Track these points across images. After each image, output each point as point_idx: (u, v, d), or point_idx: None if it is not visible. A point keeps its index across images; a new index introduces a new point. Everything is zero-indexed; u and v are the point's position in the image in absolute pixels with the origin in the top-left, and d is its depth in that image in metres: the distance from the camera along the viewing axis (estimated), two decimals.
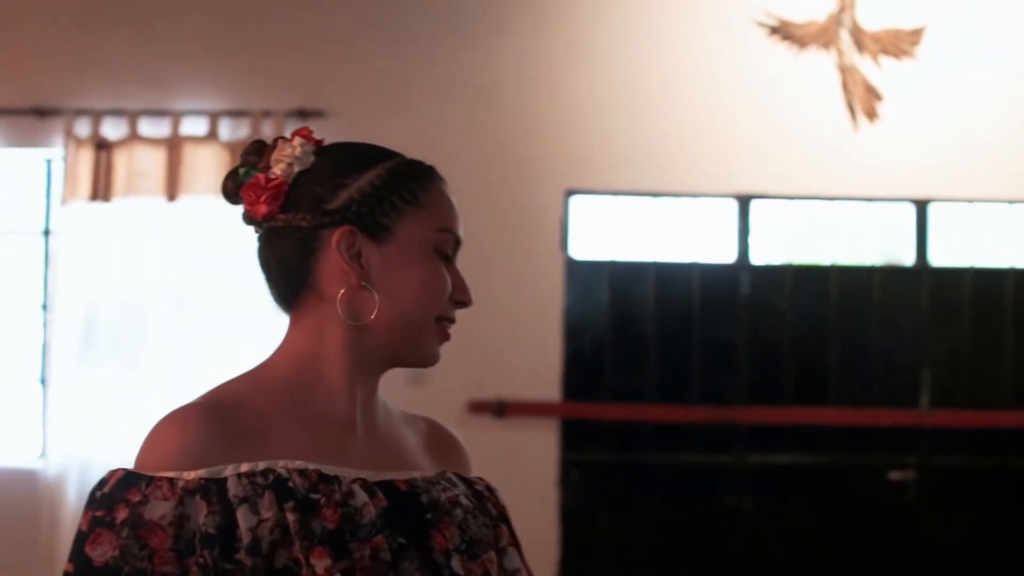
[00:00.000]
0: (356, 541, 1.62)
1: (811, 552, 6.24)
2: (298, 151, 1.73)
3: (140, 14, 6.33)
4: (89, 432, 6.17)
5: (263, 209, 1.72)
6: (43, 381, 6.43)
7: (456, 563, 1.69)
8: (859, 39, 6.24)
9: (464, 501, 1.77)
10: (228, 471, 1.60)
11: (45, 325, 6.43)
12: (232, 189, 1.77)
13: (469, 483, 1.83)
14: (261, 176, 1.73)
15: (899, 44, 6.25)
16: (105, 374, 6.19)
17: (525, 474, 5.95)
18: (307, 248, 1.71)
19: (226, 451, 1.61)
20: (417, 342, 1.74)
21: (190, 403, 1.66)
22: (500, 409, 6.12)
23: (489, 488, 1.85)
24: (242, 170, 1.76)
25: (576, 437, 6.27)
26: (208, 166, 6.17)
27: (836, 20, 6.25)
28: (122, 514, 1.56)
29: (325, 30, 6.28)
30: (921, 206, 6.32)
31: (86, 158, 6.18)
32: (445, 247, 1.76)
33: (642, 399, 6.26)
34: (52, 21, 6.33)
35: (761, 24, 6.24)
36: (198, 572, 1.54)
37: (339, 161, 1.75)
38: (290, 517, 1.58)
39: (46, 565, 6.14)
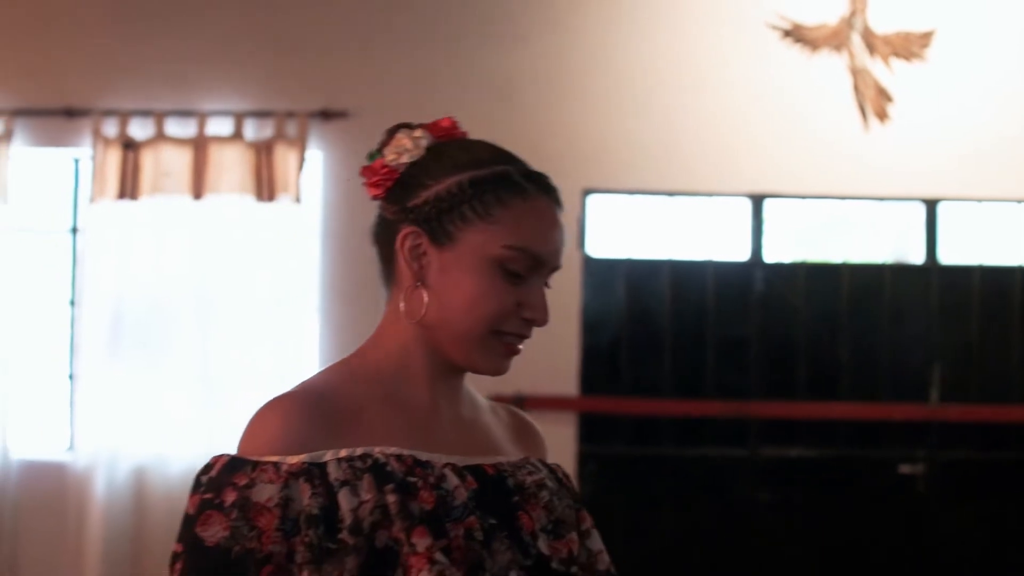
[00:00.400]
0: (451, 521, 1.66)
1: (823, 543, 6.25)
2: (409, 144, 1.77)
3: (167, 17, 6.34)
4: (116, 425, 6.19)
5: (372, 192, 1.79)
6: (71, 376, 6.45)
7: (543, 542, 1.73)
8: (870, 42, 6.26)
9: (549, 484, 1.80)
10: (328, 456, 1.64)
11: (73, 321, 6.46)
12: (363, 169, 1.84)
13: (550, 468, 1.86)
14: (379, 161, 1.78)
15: (909, 47, 6.26)
16: (132, 369, 6.19)
17: None
18: (390, 239, 1.77)
19: (324, 437, 1.66)
20: (469, 354, 1.75)
21: (288, 392, 1.71)
22: (519, 403, 6.00)
23: (566, 475, 1.89)
24: (374, 150, 1.81)
25: (593, 431, 6.29)
26: (233, 165, 6.18)
27: (847, 23, 6.27)
28: (230, 497, 1.61)
29: (348, 32, 6.30)
30: (931, 205, 6.33)
31: (114, 157, 6.19)
32: (513, 264, 1.73)
33: (658, 394, 6.27)
34: (81, 25, 6.35)
35: (774, 27, 6.26)
36: (304, 550, 1.59)
37: (437, 161, 1.77)
38: (390, 499, 1.63)
39: (74, 556, 6.21)
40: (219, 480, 1.63)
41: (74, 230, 6.51)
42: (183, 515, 1.65)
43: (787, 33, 6.27)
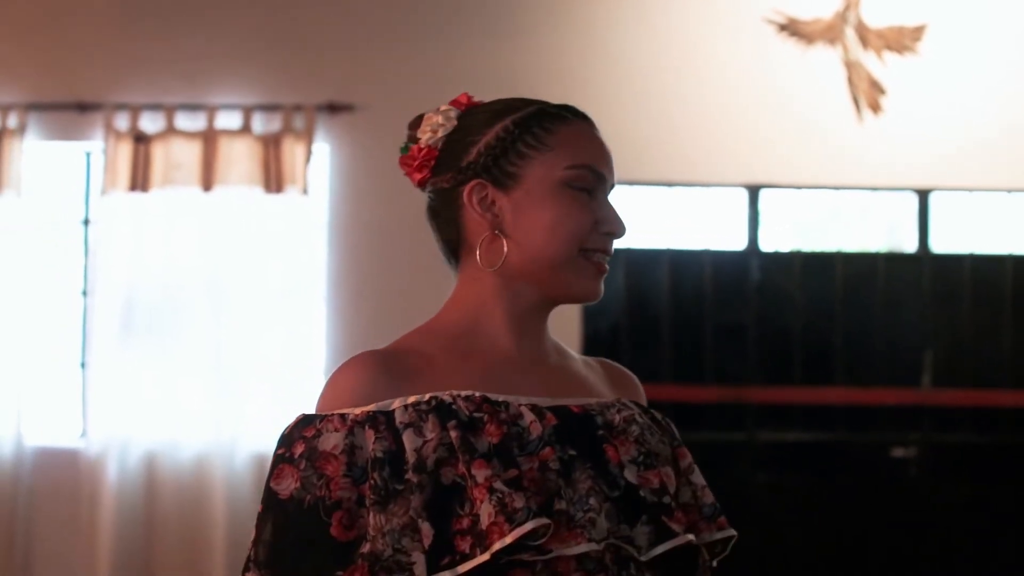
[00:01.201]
0: (524, 455, 1.66)
1: (818, 524, 6.28)
2: (440, 119, 1.82)
3: (177, 13, 6.38)
4: (128, 413, 6.21)
5: (417, 176, 1.83)
6: (83, 364, 6.47)
7: (630, 472, 1.72)
8: (864, 36, 6.30)
9: (639, 420, 1.79)
10: (396, 403, 1.67)
11: (86, 311, 6.47)
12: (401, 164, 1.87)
13: (644, 408, 1.86)
14: (415, 148, 1.83)
15: (902, 40, 6.30)
16: (143, 357, 6.21)
17: None
18: (453, 206, 1.80)
19: (394, 389, 1.69)
20: (565, 279, 1.78)
21: (364, 351, 1.74)
22: None
23: (666, 418, 1.89)
24: (403, 146, 1.86)
25: None
26: (241, 158, 6.21)
27: (842, 17, 6.31)
28: (299, 449, 1.65)
29: (354, 27, 6.34)
30: (923, 195, 6.37)
31: (125, 150, 6.21)
32: (580, 182, 1.77)
33: (657, 380, 6.25)
34: (93, 20, 6.39)
35: (770, 22, 6.30)
36: (371, 494, 1.61)
37: (475, 119, 1.82)
38: (452, 435, 1.63)
39: (87, 540, 6.24)
40: (291, 436, 1.68)
41: (86, 222, 6.53)
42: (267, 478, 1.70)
43: (783, 27, 6.31)
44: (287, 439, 1.68)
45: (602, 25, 6.36)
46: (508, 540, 1.57)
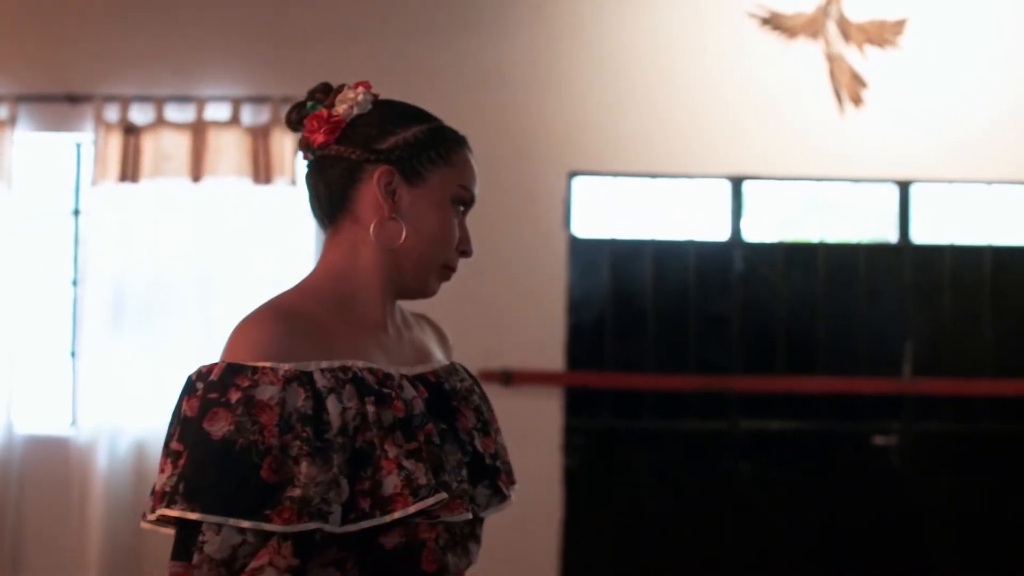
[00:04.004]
0: (417, 429, 1.87)
1: (800, 512, 6.32)
2: (359, 98, 2.00)
3: (167, 5, 6.41)
4: (117, 401, 6.24)
5: (320, 138, 1.99)
6: (74, 354, 6.49)
7: (477, 441, 1.99)
8: (845, 29, 6.34)
9: (476, 389, 2.09)
10: (312, 366, 1.82)
11: (75, 300, 6.49)
12: (296, 119, 2.04)
13: (468, 372, 2.13)
14: (325, 111, 1.99)
15: (883, 34, 6.34)
16: (132, 346, 6.24)
17: (530, 439, 5.99)
18: (352, 177, 1.97)
19: (304, 350, 1.83)
20: (422, 275, 2.00)
21: (264, 308, 1.88)
22: (507, 378, 6.19)
23: (472, 375, 2.14)
24: (309, 104, 2.02)
25: (579, 405, 6.34)
26: (231, 149, 6.24)
27: (824, 11, 6.35)
28: (235, 396, 1.76)
29: (343, 22, 6.37)
30: (904, 187, 6.41)
31: (115, 142, 6.24)
32: (462, 201, 2.02)
33: (641, 369, 6.33)
34: (83, 13, 6.41)
35: (753, 15, 6.34)
36: (299, 445, 1.75)
37: (392, 113, 2.02)
38: (369, 408, 1.82)
39: (77, 527, 6.28)
40: (222, 383, 1.78)
41: (76, 212, 6.56)
42: (180, 418, 1.80)
43: (765, 21, 6.35)
44: (218, 386, 1.79)
45: (587, 19, 6.40)
46: (411, 510, 1.79)
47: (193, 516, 1.73)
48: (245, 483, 1.73)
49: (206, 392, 1.79)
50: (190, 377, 1.84)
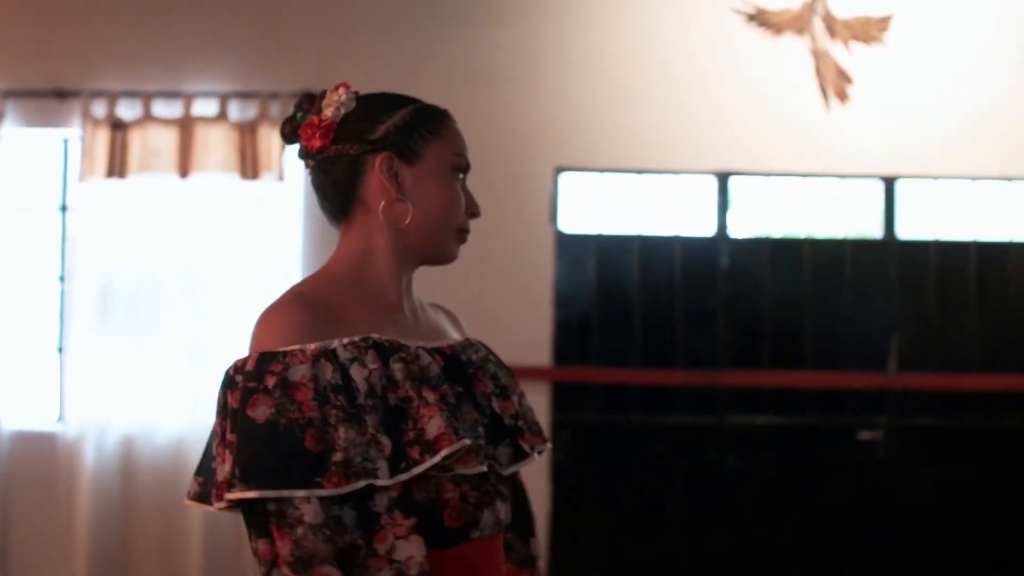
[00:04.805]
0: (431, 389, 1.99)
1: (787, 506, 6.34)
2: (343, 98, 2.13)
3: (154, 1, 6.41)
4: (105, 397, 6.25)
5: (317, 143, 2.12)
6: (61, 349, 6.50)
7: (495, 404, 2.13)
8: (831, 26, 6.35)
9: (492, 358, 2.25)
10: (335, 343, 1.95)
11: (62, 296, 6.49)
12: (291, 131, 2.18)
13: (484, 346, 2.28)
14: (315, 118, 2.13)
15: (868, 31, 6.36)
16: (120, 342, 6.24)
17: None
18: (355, 171, 2.12)
19: (326, 330, 1.97)
20: (442, 243, 2.16)
21: (283, 297, 2.01)
22: None
23: (490, 349, 2.30)
24: (299, 115, 2.16)
25: (566, 399, 6.35)
26: (218, 145, 6.24)
27: (809, 8, 6.36)
28: (271, 381, 1.90)
29: (330, 16, 6.38)
30: (889, 183, 6.43)
31: (102, 137, 6.24)
32: (460, 168, 2.17)
33: (628, 364, 6.35)
34: (70, 7, 6.41)
35: (739, 12, 6.36)
36: (335, 413, 1.89)
37: (376, 104, 2.15)
38: (396, 367, 1.96)
39: (64, 523, 6.28)
40: (258, 371, 1.92)
41: (63, 208, 6.56)
42: (228, 411, 1.94)
43: (751, 17, 6.37)
44: (255, 375, 1.92)
45: (573, 15, 6.41)
46: (456, 447, 1.91)
47: (251, 494, 1.86)
48: (294, 457, 1.86)
49: (245, 382, 1.92)
50: (227, 372, 1.96)
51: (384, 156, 2.10)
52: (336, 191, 2.13)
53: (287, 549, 1.85)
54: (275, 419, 1.88)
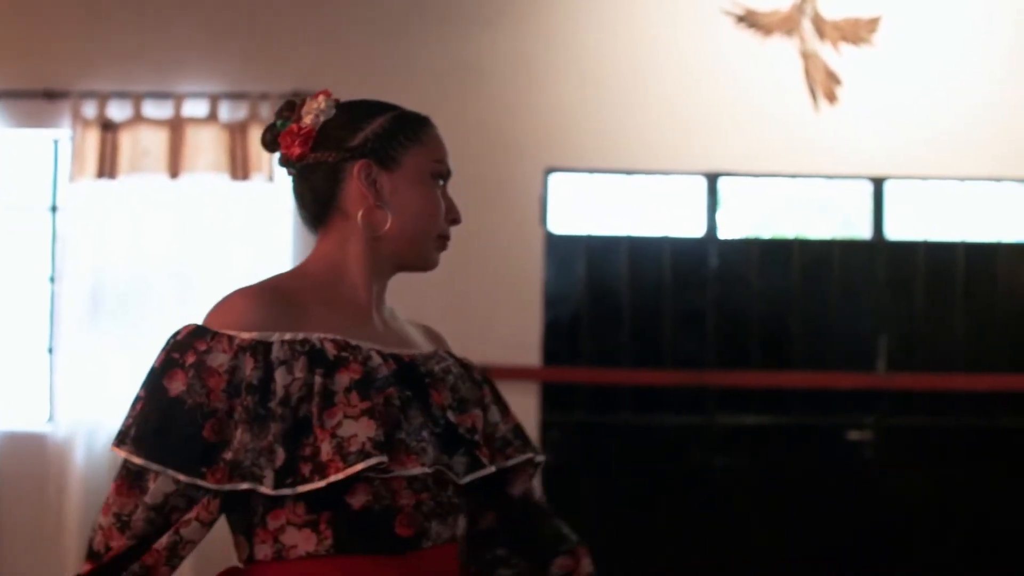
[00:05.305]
0: (374, 390, 1.98)
1: (776, 506, 6.35)
2: (322, 105, 2.12)
3: (145, 1, 6.41)
4: (95, 398, 6.23)
5: (297, 151, 2.12)
6: (51, 350, 6.48)
7: (451, 415, 2.10)
8: (820, 27, 6.37)
9: (454, 370, 2.18)
10: (275, 337, 1.96)
11: (53, 297, 6.47)
12: (271, 139, 2.16)
13: (456, 359, 2.23)
14: (294, 126, 2.13)
15: (857, 32, 6.37)
16: (110, 342, 6.23)
17: None
18: (334, 178, 2.11)
19: (275, 322, 1.98)
20: (421, 251, 2.15)
21: (252, 284, 2.04)
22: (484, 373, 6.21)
23: (471, 364, 2.26)
24: (279, 123, 2.15)
25: (555, 400, 6.36)
26: (208, 145, 6.24)
27: (798, 9, 6.38)
28: (191, 359, 1.92)
29: (320, 18, 6.39)
30: (878, 183, 6.45)
31: (93, 138, 6.24)
32: (440, 175, 2.16)
33: (617, 364, 6.36)
34: (60, 8, 6.41)
35: (728, 13, 6.36)
36: (242, 411, 1.91)
37: (355, 111, 2.15)
38: (316, 380, 1.95)
39: (54, 523, 6.26)
40: (184, 343, 1.95)
41: (54, 208, 6.55)
42: (150, 368, 1.96)
43: (741, 19, 6.38)
44: (181, 346, 1.95)
45: (563, 15, 6.43)
46: (341, 476, 1.90)
47: (137, 460, 1.90)
48: (188, 441, 1.89)
49: (171, 350, 1.95)
50: (172, 333, 1.99)
51: (363, 163, 2.10)
52: (315, 198, 2.13)
53: (119, 505, 1.91)
54: (183, 397, 1.91)
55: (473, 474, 2.10)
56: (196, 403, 1.90)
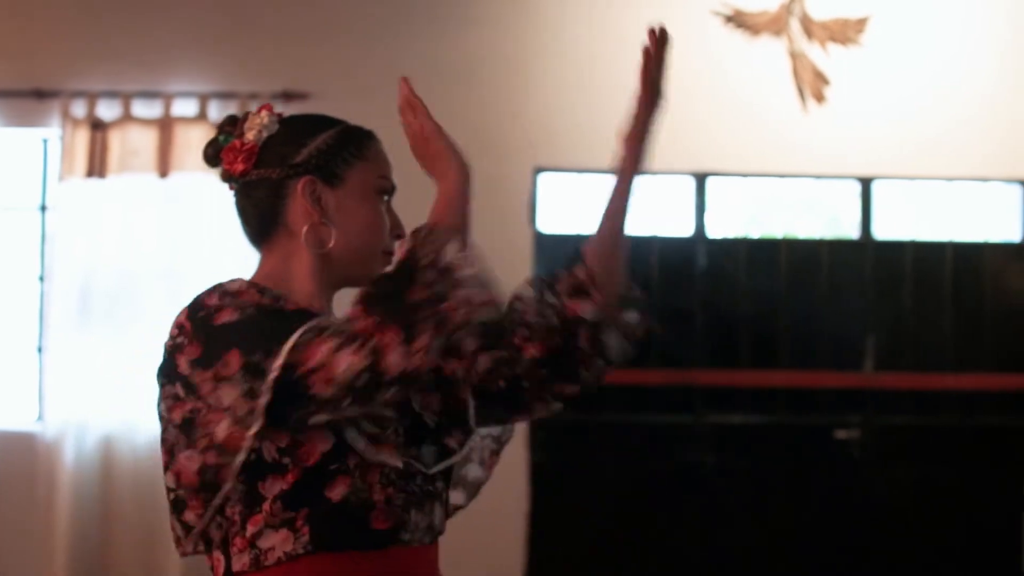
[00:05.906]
0: None
1: (764, 505, 6.38)
2: (265, 120, 2.10)
3: (134, 1, 6.42)
4: (84, 397, 6.23)
5: (240, 167, 2.09)
6: (40, 349, 6.49)
7: (414, 402, 2.08)
8: (808, 27, 6.39)
9: None
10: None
11: (42, 296, 6.47)
12: (213, 154, 2.14)
13: None
14: (237, 141, 2.10)
15: (845, 32, 6.39)
16: (100, 342, 6.23)
17: None
18: (278, 195, 2.08)
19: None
20: (367, 266, 2.09)
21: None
22: None
23: None
24: (221, 138, 2.13)
25: None
26: (198, 145, 5.71)
27: (787, 9, 6.40)
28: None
29: (310, 18, 6.39)
30: (866, 183, 6.47)
31: (82, 137, 6.24)
32: (384, 190, 2.13)
33: None
34: (50, 7, 6.42)
35: (716, 13, 6.37)
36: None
37: (298, 127, 2.12)
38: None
39: (44, 522, 6.25)
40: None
41: (43, 208, 6.56)
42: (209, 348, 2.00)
43: (729, 19, 6.40)
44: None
45: (552, 16, 6.44)
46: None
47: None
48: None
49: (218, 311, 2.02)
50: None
51: (307, 180, 2.07)
52: (258, 215, 2.11)
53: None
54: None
55: (444, 462, 2.11)
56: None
